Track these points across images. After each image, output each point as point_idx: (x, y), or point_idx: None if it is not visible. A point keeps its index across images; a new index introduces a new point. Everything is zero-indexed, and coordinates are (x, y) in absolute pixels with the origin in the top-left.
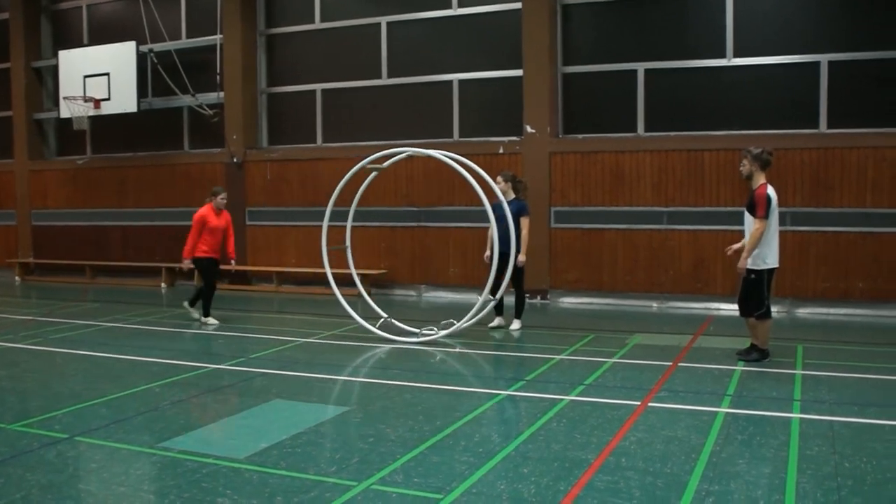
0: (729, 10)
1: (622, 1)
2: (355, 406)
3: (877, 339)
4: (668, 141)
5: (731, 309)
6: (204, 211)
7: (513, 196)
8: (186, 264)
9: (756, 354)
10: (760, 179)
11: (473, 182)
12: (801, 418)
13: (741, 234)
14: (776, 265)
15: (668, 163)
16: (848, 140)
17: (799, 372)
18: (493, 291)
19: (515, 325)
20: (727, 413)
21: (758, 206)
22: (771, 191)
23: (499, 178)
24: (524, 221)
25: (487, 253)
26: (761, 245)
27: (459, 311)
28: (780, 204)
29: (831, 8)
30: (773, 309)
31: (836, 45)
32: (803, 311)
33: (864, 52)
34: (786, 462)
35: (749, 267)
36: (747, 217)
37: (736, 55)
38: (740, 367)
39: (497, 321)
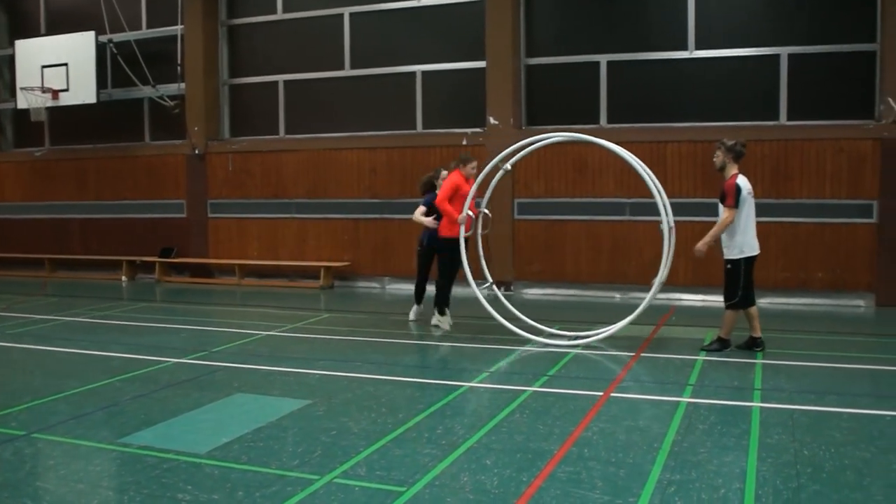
0: (690, 2)
1: None
2: (318, 399)
3: (835, 328)
4: (630, 132)
5: (693, 299)
6: (455, 177)
7: None
8: (461, 219)
9: (717, 344)
10: (733, 170)
11: (641, 169)
12: (761, 407)
13: (704, 225)
14: (754, 253)
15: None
16: (807, 132)
17: (759, 361)
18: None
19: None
20: (689, 402)
21: (727, 196)
22: (742, 181)
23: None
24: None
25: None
26: (736, 234)
27: (424, 302)
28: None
29: (791, 2)
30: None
31: (795, 38)
32: (764, 301)
33: (823, 46)
34: (746, 450)
35: (726, 257)
36: (721, 208)
37: (697, 48)
38: (702, 357)
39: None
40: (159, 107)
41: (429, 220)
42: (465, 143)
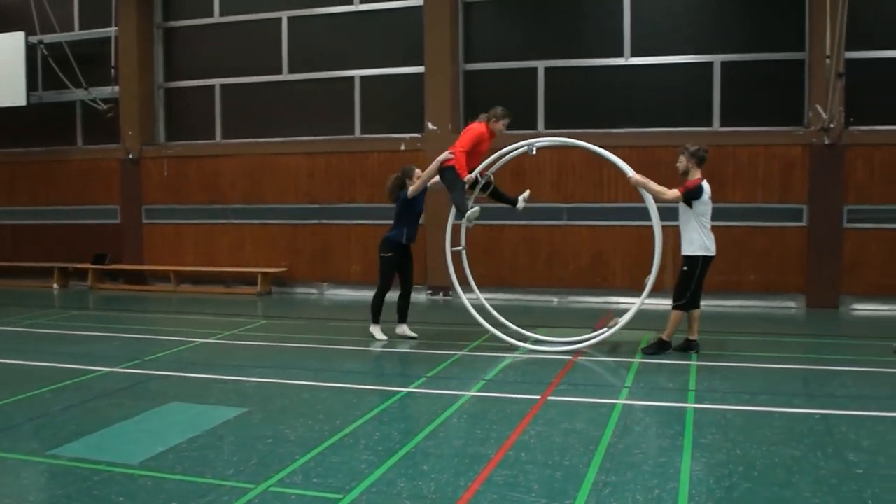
0: (626, 10)
1: (524, 0)
2: (254, 407)
3: (768, 330)
4: (567, 138)
5: (629, 303)
6: (480, 130)
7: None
8: (468, 179)
9: (653, 348)
10: (696, 175)
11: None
12: (695, 408)
13: (638, 230)
14: (711, 254)
15: (568, 159)
16: (740, 138)
17: (694, 363)
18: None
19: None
20: (625, 405)
21: (686, 187)
22: (705, 184)
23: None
24: None
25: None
26: (694, 232)
27: (363, 308)
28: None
29: (724, 11)
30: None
31: (728, 46)
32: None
33: (755, 54)
34: (681, 451)
35: (684, 253)
36: (681, 210)
37: (633, 55)
38: (637, 360)
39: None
40: (92, 110)
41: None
42: (403, 148)
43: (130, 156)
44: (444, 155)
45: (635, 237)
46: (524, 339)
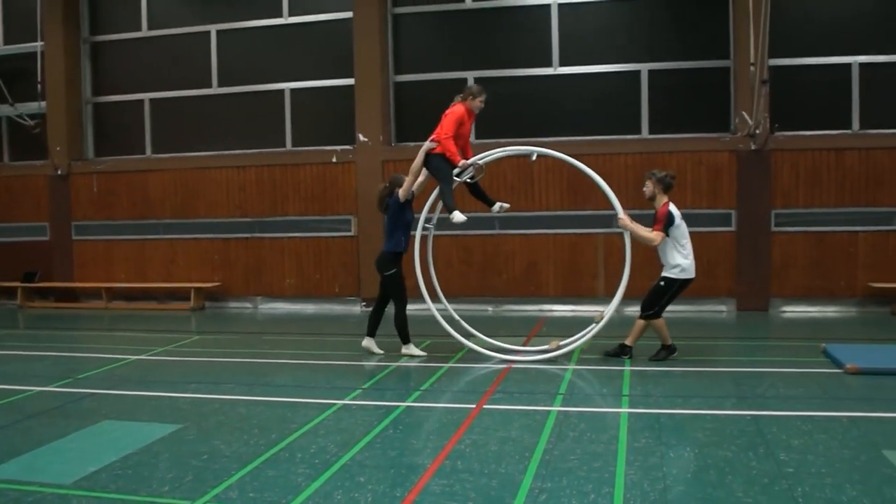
0: (555, 20)
1: (452, 11)
2: (189, 423)
3: (697, 334)
4: (498, 147)
5: (562, 310)
6: (460, 111)
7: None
8: (462, 164)
9: (664, 352)
10: (663, 200)
11: (602, 183)
12: (629, 412)
13: (570, 238)
14: (691, 277)
15: (499, 169)
16: (668, 145)
17: (627, 368)
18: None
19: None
20: (559, 411)
21: (656, 222)
22: (673, 208)
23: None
24: None
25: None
26: (677, 258)
27: (297, 321)
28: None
29: (651, 20)
30: (603, 308)
31: (655, 55)
32: (632, 310)
33: (681, 62)
34: (615, 455)
35: (664, 275)
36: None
37: (562, 64)
38: (572, 367)
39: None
40: (19, 126)
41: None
42: (335, 160)
43: (59, 172)
44: (427, 144)
45: (567, 245)
46: (497, 349)
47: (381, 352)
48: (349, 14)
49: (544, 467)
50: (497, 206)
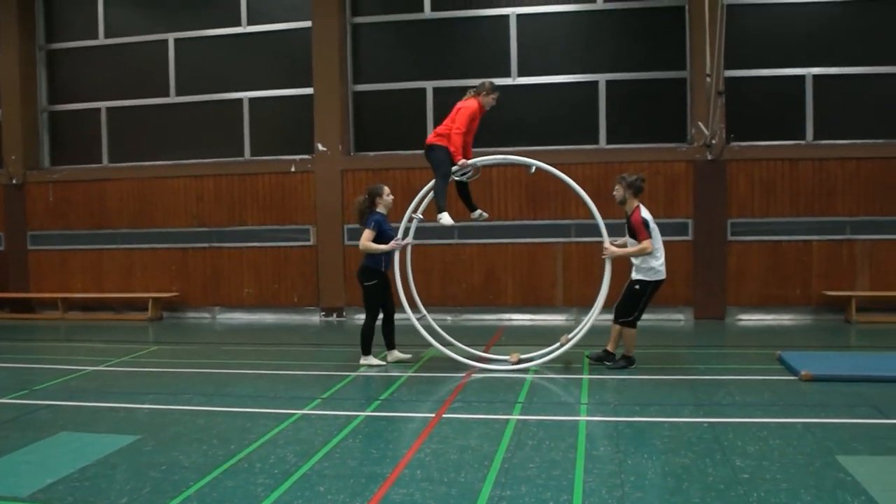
0: (513, 30)
1: (411, 21)
2: (147, 434)
3: (656, 342)
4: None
5: (521, 319)
6: (473, 107)
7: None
8: (462, 164)
9: (623, 361)
10: (633, 204)
11: (584, 195)
12: (587, 420)
13: (528, 247)
14: (663, 278)
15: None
16: (626, 155)
17: (586, 377)
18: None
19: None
20: (518, 420)
21: (638, 233)
22: (645, 212)
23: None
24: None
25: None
26: (650, 260)
27: (256, 331)
28: (566, 217)
29: (608, 31)
30: (563, 317)
31: (612, 65)
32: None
33: (638, 73)
34: (574, 463)
35: (636, 278)
36: (630, 240)
37: (520, 74)
38: (531, 375)
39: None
40: None
41: (391, 245)
42: (293, 169)
43: (14, 181)
44: (388, 247)
45: (526, 254)
46: (475, 358)
47: (409, 356)
48: (308, 23)
49: (503, 475)
50: (477, 212)
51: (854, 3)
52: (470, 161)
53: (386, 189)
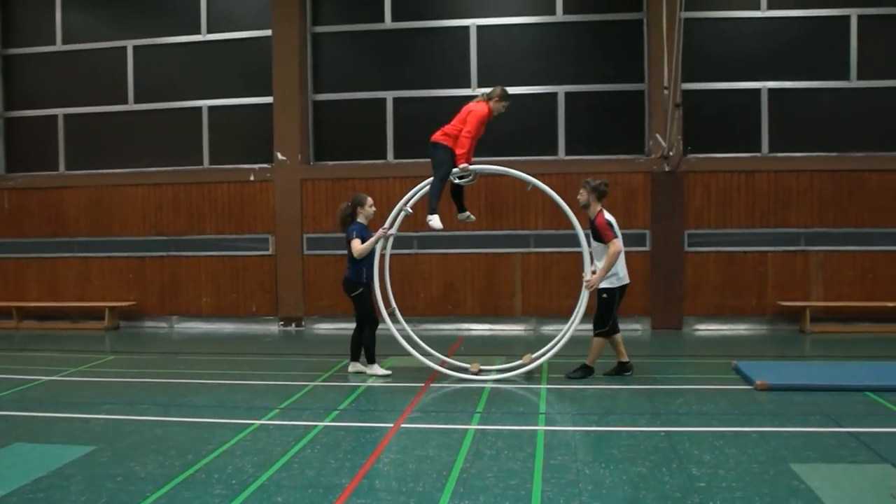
0: (473, 42)
1: (372, 31)
2: (103, 445)
3: (613, 352)
4: (416, 167)
5: (480, 329)
6: (482, 111)
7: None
8: (464, 168)
9: (580, 372)
10: (597, 208)
11: (563, 204)
12: (545, 430)
13: (487, 257)
14: (627, 282)
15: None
16: (584, 166)
17: (544, 386)
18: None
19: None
20: (477, 430)
21: (604, 234)
22: (608, 215)
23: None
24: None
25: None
26: (615, 266)
27: (214, 341)
28: (525, 227)
29: (568, 43)
30: (521, 327)
31: (572, 77)
32: (548, 329)
33: (597, 85)
34: (532, 473)
35: (602, 286)
36: (593, 243)
37: (480, 84)
38: (489, 386)
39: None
40: None
41: (378, 234)
42: (252, 178)
43: None
44: (372, 241)
45: (485, 265)
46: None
47: (388, 371)
48: (268, 32)
49: (462, 485)
50: (465, 214)
51: (808, 18)
52: (473, 167)
53: (369, 200)
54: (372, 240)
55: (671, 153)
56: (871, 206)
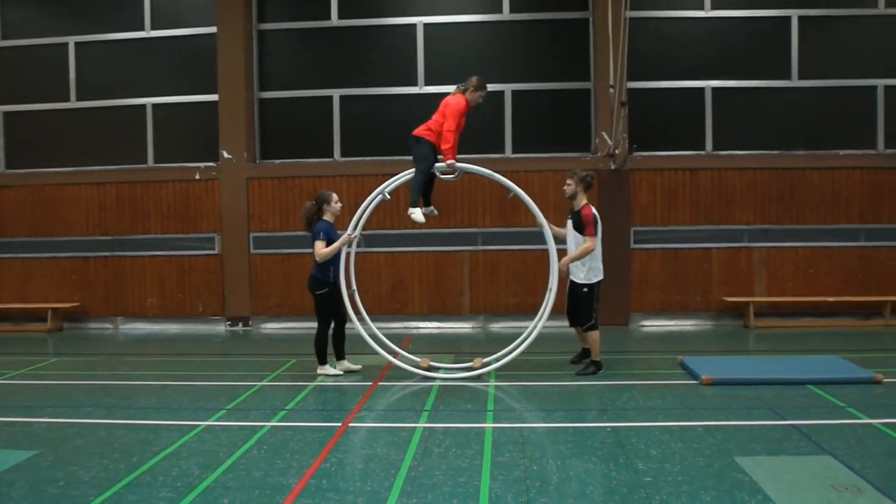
0: (420, 40)
1: (318, 29)
2: (45, 449)
3: (561, 349)
4: (363, 165)
5: (429, 327)
6: (461, 103)
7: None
8: (451, 165)
9: (593, 367)
10: (583, 200)
11: (540, 216)
12: (493, 427)
13: (435, 255)
14: (602, 277)
15: (364, 187)
16: (531, 164)
17: (492, 384)
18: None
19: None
20: (425, 428)
21: (586, 226)
22: (595, 211)
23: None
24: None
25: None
26: (593, 260)
27: (159, 342)
28: (473, 225)
29: (514, 41)
30: (469, 325)
31: (518, 75)
32: (496, 326)
33: (544, 83)
34: (480, 470)
35: (582, 282)
36: (572, 233)
37: (427, 83)
38: (437, 384)
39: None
40: None
41: (342, 239)
42: (198, 177)
43: None
44: (341, 241)
45: (433, 263)
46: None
47: (359, 367)
48: (213, 29)
49: (410, 483)
50: (430, 208)
51: (750, 19)
52: (459, 165)
53: (334, 196)
54: (335, 245)
55: (617, 151)
56: (811, 203)
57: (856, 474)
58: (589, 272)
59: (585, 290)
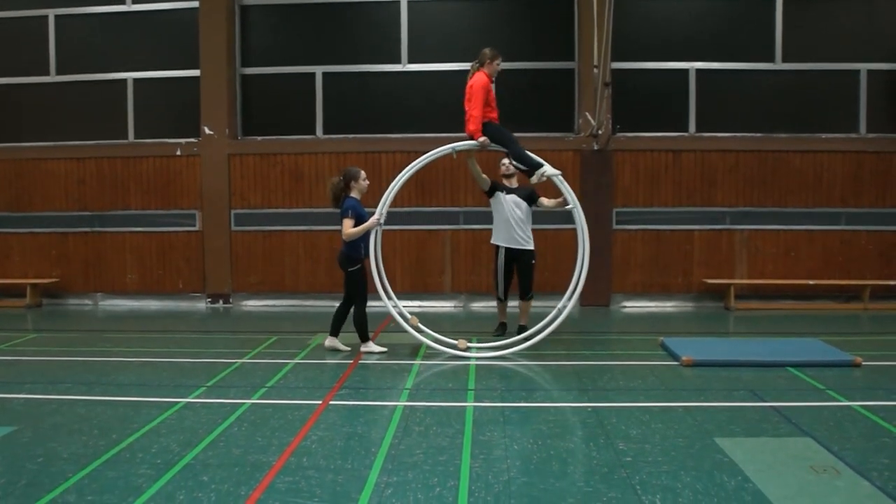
0: (404, 18)
1: (301, 5)
2: (23, 425)
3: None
4: (345, 143)
5: (410, 306)
6: (484, 80)
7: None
8: (482, 141)
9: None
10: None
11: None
12: (474, 406)
13: (417, 233)
14: None
15: (346, 164)
16: None
17: (473, 363)
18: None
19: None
20: (406, 406)
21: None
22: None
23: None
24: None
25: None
26: (530, 228)
27: (139, 318)
28: (455, 204)
29: (497, 20)
30: (451, 304)
31: (502, 54)
32: (478, 305)
33: (528, 63)
34: (461, 449)
35: (530, 248)
36: (526, 211)
37: (411, 61)
38: (419, 362)
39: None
40: None
41: (370, 222)
42: (179, 153)
43: None
44: (369, 223)
45: (415, 242)
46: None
47: (348, 349)
48: (195, 4)
49: (390, 462)
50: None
51: (735, 0)
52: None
53: (363, 173)
54: (363, 226)
55: (600, 132)
56: (793, 186)
57: (834, 456)
58: (531, 240)
59: (532, 261)
